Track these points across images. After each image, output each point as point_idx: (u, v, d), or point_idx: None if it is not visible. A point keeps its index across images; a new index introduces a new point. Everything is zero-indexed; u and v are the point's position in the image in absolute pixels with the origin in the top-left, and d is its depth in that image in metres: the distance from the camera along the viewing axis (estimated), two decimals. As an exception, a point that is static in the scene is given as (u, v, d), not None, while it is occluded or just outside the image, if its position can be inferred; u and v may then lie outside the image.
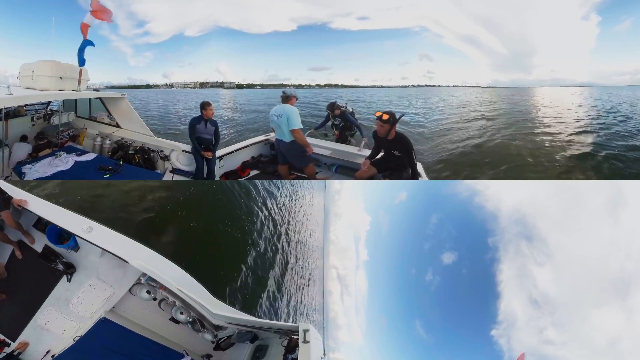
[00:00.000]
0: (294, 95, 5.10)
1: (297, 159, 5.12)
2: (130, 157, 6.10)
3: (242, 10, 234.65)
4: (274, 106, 5.10)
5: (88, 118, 7.17)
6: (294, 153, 5.06)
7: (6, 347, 3.26)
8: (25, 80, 5.51)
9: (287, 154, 5.14)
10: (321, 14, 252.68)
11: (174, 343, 3.56)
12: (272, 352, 3.55)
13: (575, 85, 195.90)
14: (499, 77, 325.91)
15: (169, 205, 6.69)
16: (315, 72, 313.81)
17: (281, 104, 5.05)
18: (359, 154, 5.53)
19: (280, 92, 5.17)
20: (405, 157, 4.41)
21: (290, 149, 5.02)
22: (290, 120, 4.83)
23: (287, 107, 4.94)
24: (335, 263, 33.69)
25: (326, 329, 23.26)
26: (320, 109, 19.78)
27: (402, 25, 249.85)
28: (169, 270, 3.10)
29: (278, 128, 5.00)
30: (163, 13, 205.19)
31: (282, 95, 5.12)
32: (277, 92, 12.22)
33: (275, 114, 4.97)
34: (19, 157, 5.90)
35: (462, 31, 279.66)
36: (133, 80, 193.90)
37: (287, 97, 5.06)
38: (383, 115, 4.24)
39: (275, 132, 5.15)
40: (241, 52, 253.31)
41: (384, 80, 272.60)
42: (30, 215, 3.37)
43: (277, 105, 5.07)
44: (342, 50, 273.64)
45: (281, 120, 4.88)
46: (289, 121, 4.84)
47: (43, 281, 3.37)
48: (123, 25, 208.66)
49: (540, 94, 57.63)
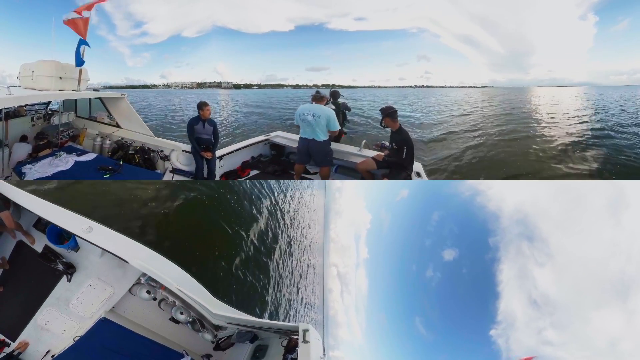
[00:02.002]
0: (327, 96, 5.18)
1: (323, 158, 5.20)
2: (130, 157, 6.11)
3: (240, 11, 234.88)
4: (303, 104, 5.16)
5: (88, 118, 7.17)
6: (323, 152, 5.13)
7: (6, 347, 3.27)
8: (25, 81, 5.51)
9: (316, 152, 5.14)
10: (318, 14, 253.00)
11: (173, 343, 3.56)
12: (272, 352, 3.55)
13: (573, 85, 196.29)
14: (497, 77, 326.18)
15: (169, 205, 6.69)
16: (313, 73, 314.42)
17: (311, 103, 5.10)
18: (359, 154, 5.54)
19: (314, 91, 5.32)
20: (400, 149, 4.63)
21: (322, 149, 5.08)
22: (330, 122, 4.94)
23: (325, 108, 5.00)
24: (336, 261, 33.77)
25: (326, 326, 23.28)
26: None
27: (400, 26, 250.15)
28: (169, 270, 3.09)
29: (309, 127, 5.00)
30: (161, 14, 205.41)
31: (314, 95, 5.19)
32: (276, 92, 11.87)
33: (310, 113, 4.96)
34: (19, 157, 5.90)
35: (460, 31, 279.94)
36: (130, 80, 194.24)
37: (321, 98, 5.13)
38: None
39: (304, 131, 5.13)
40: (239, 52, 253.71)
41: (381, 80, 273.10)
42: (30, 215, 3.37)
43: (308, 104, 5.10)
44: (340, 51, 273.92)
45: (318, 120, 4.92)
46: (330, 123, 4.94)
47: (43, 281, 3.37)
48: (121, 25, 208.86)
49: (538, 93, 57.69)
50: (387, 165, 4.93)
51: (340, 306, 34.15)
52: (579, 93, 56.51)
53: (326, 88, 45.09)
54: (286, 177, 6.28)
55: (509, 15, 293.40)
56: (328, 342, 25.52)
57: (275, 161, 6.69)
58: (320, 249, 23.14)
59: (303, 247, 14.59)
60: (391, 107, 4.77)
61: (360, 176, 5.41)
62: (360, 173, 5.28)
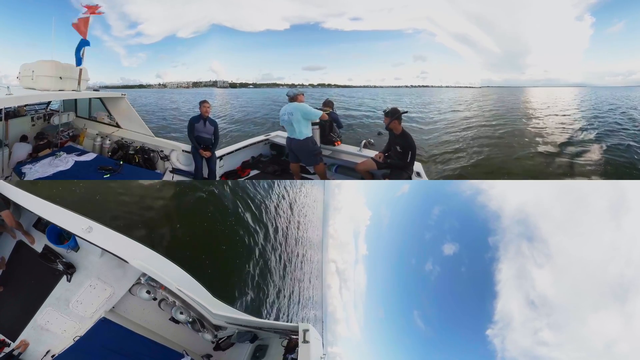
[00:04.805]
0: (299, 93, 5.13)
1: (308, 157, 5.13)
2: (130, 157, 6.11)
3: (235, 9, 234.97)
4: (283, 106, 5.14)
5: (88, 118, 7.17)
6: (306, 151, 5.07)
7: (6, 347, 3.27)
8: (25, 80, 5.51)
9: (299, 152, 5.13)
10: (313, 14, 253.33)
11: (174, 343, 3.56)
12: (272, 352, 3.54)
13: (569, 85, 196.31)
14: (493, 77, 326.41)
15: (169, 205, 6.68)
16: (309, 72, 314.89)
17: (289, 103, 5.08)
18: (359, 154, 5.54)
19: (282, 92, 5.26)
20: (405, 154, 4.59)
21: (303, 147, 5.02)
22: (307, 114, 4.88)
23: (297, 104, 4.96)
24: (335, 257, 33.75)
25: (325, 322, 23.25)
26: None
27: (396, 27, 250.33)
28: (168, 270, 3.09)
29: (290, 126, 5.00)
30: (156, 14, 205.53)
31: (287, 95, 5.16)
32: (273, 90, 11.88)
33: (286, 112, 4.97)
34: (19, 157, 5.90)
35: (456, 30, 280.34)
36: (126, 80, 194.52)
37: (294, 97, 5.09)
38: (385, 109, 4.82)
39: (287, 131, 5.15)
40: (235, 51, 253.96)
41: (377, 80, 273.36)
42: (30, 215, 3.37)
43: (285, 105, 5.09)
44: (336, 51, 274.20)
45: (293, 118, 4.89)
46: (306, 114, 4.88)
47: (43, 281, 3.37)
48: (116, 26, 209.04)
49: (534, 94, 57.68)
50: (387, 166, 4.92)
51: (339, 302, 34.19)
52: (575, 93, 56.54)
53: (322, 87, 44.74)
54: (286, 177, 6.28)
55: (506, 16, 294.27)
56: (327, 339, 25.54)
57: (275, 161, 6.69)
58: (319, 245, 23.14)
59: (302, 245, 14.59)
60: (397, 109, 4.66)
61: (360, 176, 5.41)
62: (360, 173, 5.27)
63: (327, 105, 6.10)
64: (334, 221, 34.59)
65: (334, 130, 5.85)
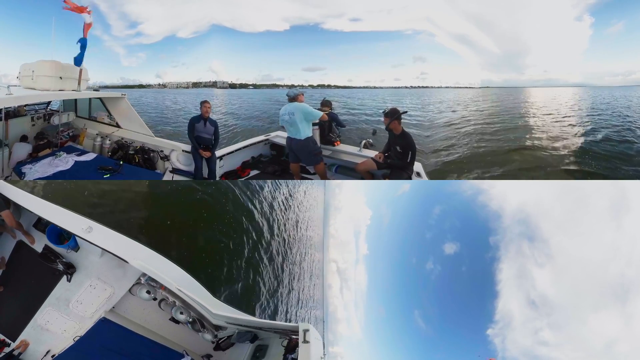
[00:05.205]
0: (299, 93, 5.13)
1: (309, 157, 5.13)
2: (130, 157, 6.11)
3: (235, 9, 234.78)
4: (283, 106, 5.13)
5: (88, 118, 7.17)
6: (306, 151, 5.07)
7: (6, 347, 3.27)
8: (25, 80, 5.51)
9: (299, 152, 5.13)
10: (313, 14, 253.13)
11: (174, 343, 3.56)
12: (272, 352, 3.54)
13: (568, 85, 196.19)
14: (492, 77, 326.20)
15: (169, 205, 6.69)
16: (309, 73, 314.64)
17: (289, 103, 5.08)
18: (359, 154, 5.54)
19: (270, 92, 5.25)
20: (405, 154, 4.60)
21: (303, 147, 5.03)
22: (307, 114, 4.89)
23: (297, 104, 4.96)
24: (335, 257, 33.69)
25: (326, 322, 23.25)
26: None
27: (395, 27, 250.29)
28: (168, 270, 3.09)
29: (290, 126, 5.00)
30: (156, 14, 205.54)
31: (288, 96, 5.16)
32: (272, 92, 11.86)
33: (286, 113, 4.97)
34: (19, 157, 5.90)
35: (455, 31, 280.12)
36: (126, 80, 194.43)
37: (294, 97, 5.09)
38: (385, 109, 4.83)
39: (287, 131, 5.14)
40: (234, 51, 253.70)
41: (376, 81, 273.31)
42: (30, 215, 3.37)
43: (285, 105, 5.09)
44: (336, 52, 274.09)
45: (294, 118, 4.89)
46: (307, 115, 4.89)
47: (43, 281, 3.37)
48: (116, 25, 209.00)
49: (534, 94, 57.70)
50: (387, 166, 4.92)
51: (340, 302, 34.12)
52: (574, 93, 56.58)
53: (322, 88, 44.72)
54: (286, 177, 6.28)
55: (505, 16, 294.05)
56: (328, 338, 25.53)
57: (275, 161, 6.69)
58: (320, 245, 23.13)
59: (303, 245, 14.59)
60: (396, 109, 4.66)
61: (360, 176, 5.41)
62: (360, 173, 5.27)
63: (325, 105, 6.10)
64: (334, 221, 34.59)
65: (333, 130, 5.85)
